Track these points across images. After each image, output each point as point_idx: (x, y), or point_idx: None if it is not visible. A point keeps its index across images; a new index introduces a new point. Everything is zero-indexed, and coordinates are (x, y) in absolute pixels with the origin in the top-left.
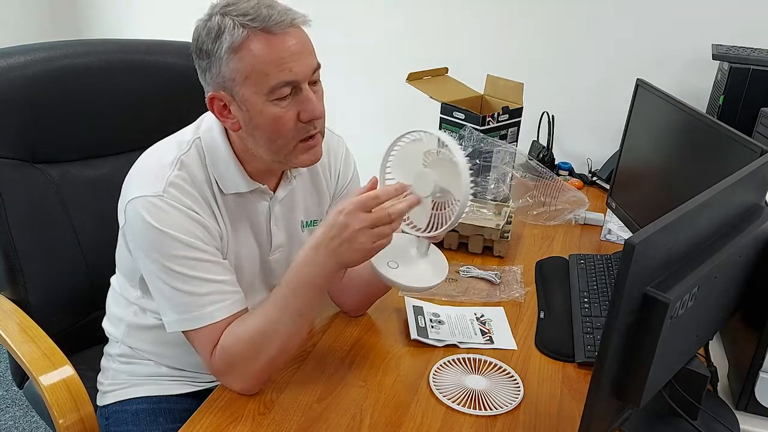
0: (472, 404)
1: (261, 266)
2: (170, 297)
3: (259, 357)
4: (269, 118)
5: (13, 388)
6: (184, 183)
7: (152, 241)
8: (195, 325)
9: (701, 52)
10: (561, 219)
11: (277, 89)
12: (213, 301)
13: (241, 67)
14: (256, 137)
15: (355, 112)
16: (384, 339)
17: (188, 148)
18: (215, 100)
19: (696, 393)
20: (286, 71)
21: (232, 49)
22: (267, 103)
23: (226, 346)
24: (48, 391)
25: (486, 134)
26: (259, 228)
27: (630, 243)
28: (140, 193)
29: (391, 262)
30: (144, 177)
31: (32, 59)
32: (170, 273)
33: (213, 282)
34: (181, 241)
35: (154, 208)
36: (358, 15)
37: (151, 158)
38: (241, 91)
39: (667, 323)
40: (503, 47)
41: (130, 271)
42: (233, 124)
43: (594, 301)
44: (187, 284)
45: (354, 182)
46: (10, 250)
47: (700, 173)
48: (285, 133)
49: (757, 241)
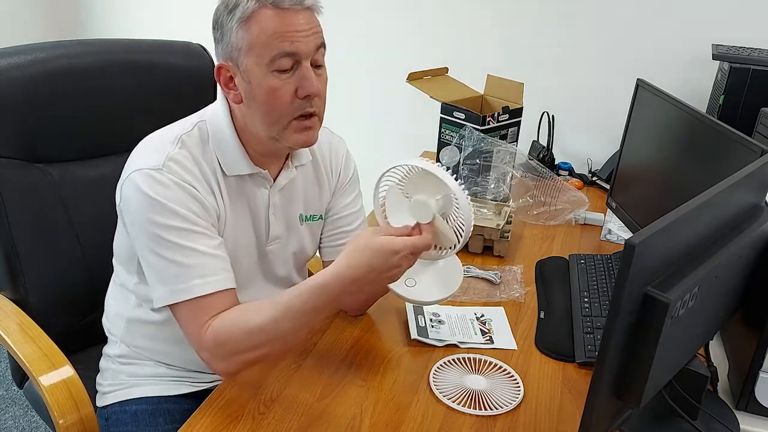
0: (472, 404)
1: (258, 256)
2: (160, 269)
3: (252, 351)
4: (267, 88)
5: (13, 388)
6: (185, 160)
7: (146, 210)
8: (182, 296)
9: (701, 52)
10: (561, 219)
11: (277, 59)
12: (202, 274)
13: (248, 37)
14: (253, 109)
15: (355, 112)
16: (384, 339)
17: (191, 128)
18: (222, 70)
19: (696, 393)
20: (287, 42)
21: (242, 20)
22: (267, 74)
23: (221, 330)
24: (48, 391)
25: (486, 134)
26: (257, 216)
27: (630, 243)
28: (139, 166)
29: (408, 280)
30: (145, 153)
31: (32, 59)
32: (161, 242)
33: (203, 254)
34: (175, 212)
35: (152, 180)
36: (358, 15)
37: (153, 137)
38: (245, 60)
39: (668, 323)
40: (503, 47)
41: (128, 255)
42: (235, 95)
43: (594, 301)
44: (178, 254)
45: (353, 183)
46: (11, 250)
47: (700, 173)
48: (280, 107)
49: (757, 242)
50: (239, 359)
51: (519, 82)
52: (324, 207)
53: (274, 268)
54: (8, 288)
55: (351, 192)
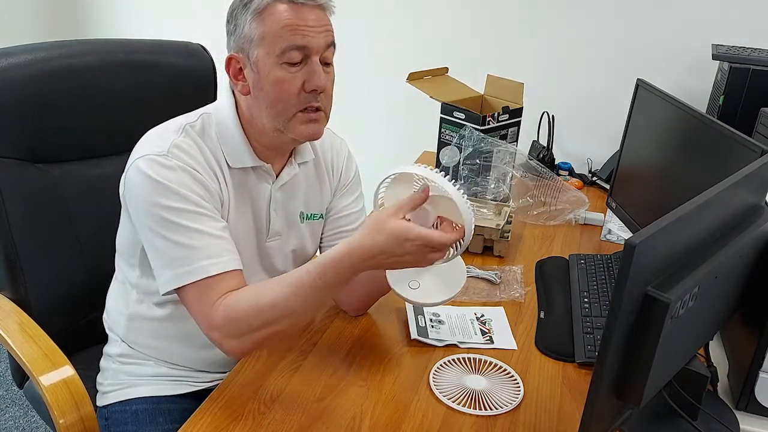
0: (472, 404)
1: (258, 251)
2: (166, 252)
3: (263, 328)
4: (274, 79)
5: (13, 388)
6: (189, 148)
7: (151, 193)
8: (190, 278)
9: (701, 52)
10: (561, 219)
11: (287, 51)
12: (209, 255)
13: (260, 28)
14: (260, 100)
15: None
16: (384, 339)
17: (196, 119)
18: (232, 60)
19: (696, 393)
20: (299, 36)
21: (256, 12)
22: (276, 66)
23: (233, 307)
24: (48, 391)
25: (486, 134)
26: (258, 211)
27: (630, 243)
28: (143, 153)
29: (412, 282)
30: (149, 141)
31: (32, 59)
32: (166, 224)
33: (209, 236)
34: (179, 194)
35: (156, 164)
36: (358, 15)
37: (157, 128)
38: (256, 51)
39: (668, 323)
40: (503, 47)
41: (130, 247)
42: (243, 86)
43: (594, 301)
44: (183, 236)
45: (355, 183)
46: (11, 249)
47: (700, 173)
48: (287, 99)
49: (757, 241)
50: (251, 337)
51: (519, 82)
52: (325, 206)
53: (275, 262)
54: (8, 288)
55: (352, 192)
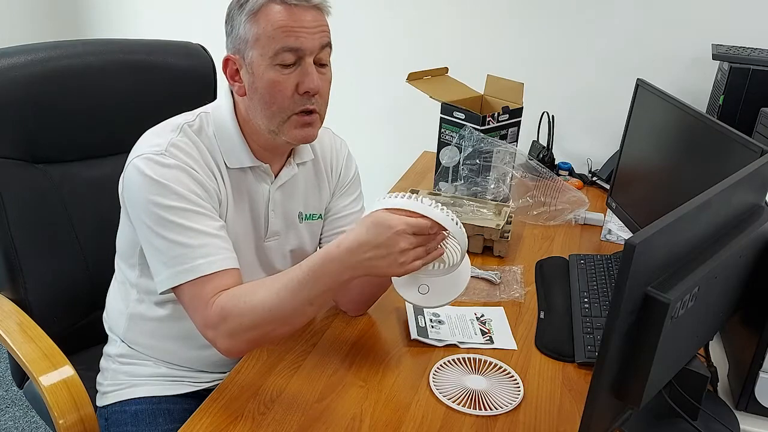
0: (472, 404)
1: (256, 251)
2: (163, 251)
3: (256, 328)
4: (268, 81)
5: (13, 388)
6: (186, 146)
7: (149, 192)
8: (186, 277)
9: (701, 52)
10: (561, 219)
11: (280, 53)
12: (206, 254)
13: (254, 30)
14: (255, 101)
15: (354, 112)
16: (384, 339)
17: (194, 118)
18: (229, 62)
19: (696, 393)
20: (292, 38)
21: (251, 13)
22: (270, 67)
23: (226, 304)
24: (48, 391)
25: (486, 134)
26: (257, 211)
27: (630, 243)
28: (141, 152)
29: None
30: (146, 140)
31: (32, 59)
32: (164, 223)
33: (206, 235)
34: (177, 192)
35: (153, 163)
36: (358, 15)
37: (155, 128)
38: (251, 53)
39: (668, 323)
40: (503, 47)
41: (130, 247)
42: (240, 87)
43: (594, 301)
44: (181, 235)
45: (354, 184)
46: (10, 249)
47: (700, 173)
48: (280, 100)
49: (757, 242)
50: (244, 337)
51: (519, 82)
52: (323, 206)
53: (274, 262)
54: (8, 288)
55: (351, 193)
